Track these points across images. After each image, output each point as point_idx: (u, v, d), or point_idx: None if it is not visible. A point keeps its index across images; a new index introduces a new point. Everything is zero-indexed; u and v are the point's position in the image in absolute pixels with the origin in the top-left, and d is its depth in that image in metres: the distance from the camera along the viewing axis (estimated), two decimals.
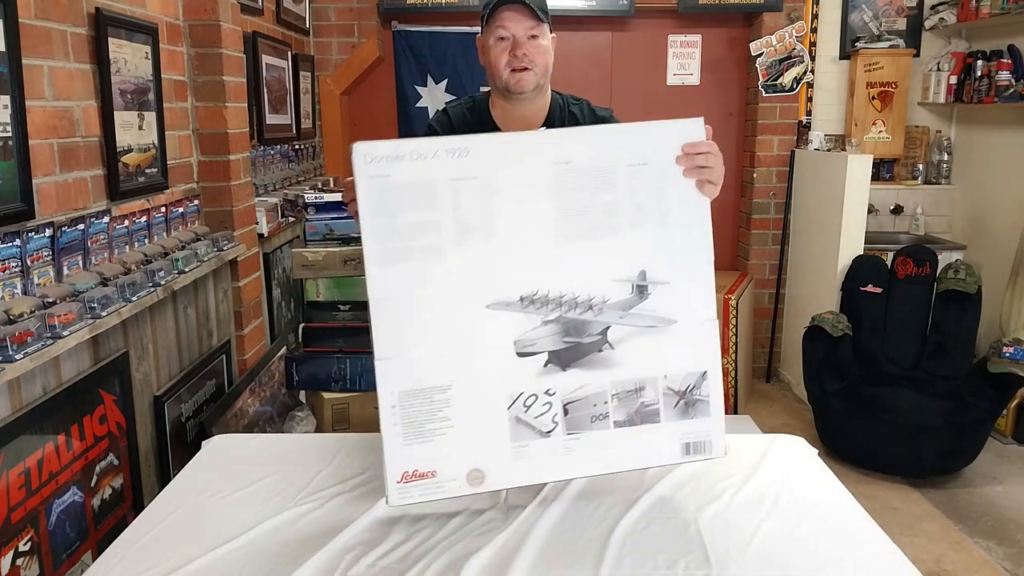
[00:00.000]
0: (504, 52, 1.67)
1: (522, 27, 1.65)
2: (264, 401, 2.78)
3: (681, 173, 1.38)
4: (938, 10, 4.16)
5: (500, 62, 1.68)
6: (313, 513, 1.44)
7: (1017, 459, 3.43)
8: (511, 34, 1.66)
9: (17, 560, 1.62)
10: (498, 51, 1.67)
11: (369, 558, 1.29)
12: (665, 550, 1.31)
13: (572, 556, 1.29)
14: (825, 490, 1.54)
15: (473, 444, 1.34)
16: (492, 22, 1.66)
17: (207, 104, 2.59)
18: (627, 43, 4.34)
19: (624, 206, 1.35)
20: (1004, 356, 3.13)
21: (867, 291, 3.68)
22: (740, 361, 3.96)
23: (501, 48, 1.67)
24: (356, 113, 4.43)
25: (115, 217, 2.05)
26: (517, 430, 1.35)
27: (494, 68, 1.70)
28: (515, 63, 1.67)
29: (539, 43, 1.68)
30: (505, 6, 1.64)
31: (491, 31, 1.67)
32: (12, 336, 1.50)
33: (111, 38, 2.04)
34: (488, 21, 1.68)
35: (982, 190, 4.11)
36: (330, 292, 2.52)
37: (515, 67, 1.67)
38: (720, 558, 1.28)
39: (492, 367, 1.34)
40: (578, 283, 1.35)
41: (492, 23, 1.67)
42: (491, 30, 1.67)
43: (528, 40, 1.66)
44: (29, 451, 1.67)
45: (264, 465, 1.62)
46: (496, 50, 1.68)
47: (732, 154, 4.53)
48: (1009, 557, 2.69)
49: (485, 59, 1.73)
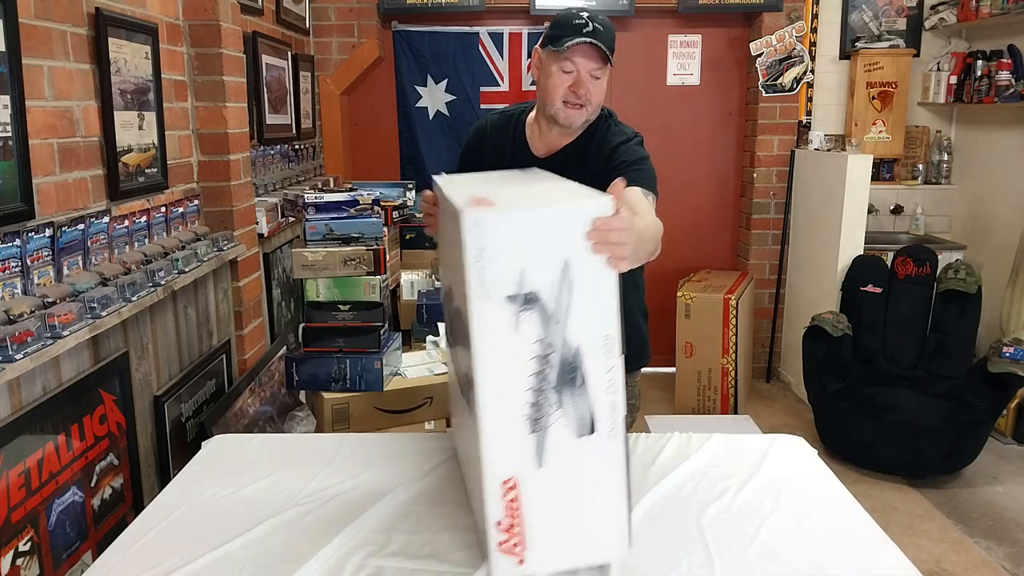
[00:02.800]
0: (563, 85, 1.64)
1: (590, 66, 1.62)
2: (264, 401, 2.78)
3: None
4: (938, 10, 4.16)
5: (557, 92, 1.65)
6: (313, 513, 1.44)
7: (1017, 459, 3.43)
8: (577, 70, 1.62)
9: (17, 560, 1.62)
10: (558, 81, 1.64)
11: (370, 559, 1.29)
12: (667, 550, 1.31)
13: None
14: (825, 490, 1.54)
15: None
16: (563, 53, 1.61)
17: (207, 104, 2.59)
18: (627, 43, 4.34)
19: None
20: (1004, 356, 3.13)
21: (867, 291, 3.68)
22: (740, 361, 3.96)
23: (563, 80, 1.64)
24: (356, 113, 4.43)
25: (115, 217, 2.04)
26: None
27: (549, 95, 1.66)
28: (572, 99, 1.64)
29: (599, 83, 1.65)
30: (582, 44, 1.59)
31: (558, 59, 1.62)
32: (12, 336, 1.50)
33: (111, 38, 2.04)
34: (557, 45, 1.61)
35: (982, 190, 4.11)
36: (330, 292, 2.52)
37: (571, 102, 1.65)
38: (722, 558, 1.28)
39: None
40: None
41: (562, 54, 1.61)
42: (558, 59, 1.62)
43: (591, 79, 1.64)
44: (29, 451, 1.67)
45: (264, 465, 1.62)
46: (556, 79, 1.64)
47: (732, 154, 4.54)
48: (1009, 557, 2.69)
49: (541, 79, 1.69)
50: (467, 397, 1.24)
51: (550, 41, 1.64)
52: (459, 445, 1.58)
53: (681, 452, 1.66)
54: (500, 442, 1.16)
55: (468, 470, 1.42)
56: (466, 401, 1.26)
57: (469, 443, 1.30)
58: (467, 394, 1.24)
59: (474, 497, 1.35)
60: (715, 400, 3.97)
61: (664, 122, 4.39)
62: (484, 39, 4.24)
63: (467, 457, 1.40)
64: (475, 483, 1.30)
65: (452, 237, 1.22)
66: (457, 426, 1.63)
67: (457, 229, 1.12)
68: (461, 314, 1.22)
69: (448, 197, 1.26)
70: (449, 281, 1.43)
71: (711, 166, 4.51)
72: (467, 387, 1.23)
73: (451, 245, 1.25)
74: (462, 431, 1.47)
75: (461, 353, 1.28)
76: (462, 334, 1.23)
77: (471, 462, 1.31)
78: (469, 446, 1.31)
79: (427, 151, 4.36)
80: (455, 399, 1.52)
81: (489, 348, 1.14)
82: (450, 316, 1.48)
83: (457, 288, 1.24)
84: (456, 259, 1.17)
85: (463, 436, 1.45)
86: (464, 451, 1.46)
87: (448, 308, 1.50)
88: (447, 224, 1.31)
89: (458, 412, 1.51)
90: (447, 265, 1.42)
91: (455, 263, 1.21)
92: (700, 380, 3.98)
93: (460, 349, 1.30)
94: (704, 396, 3.99)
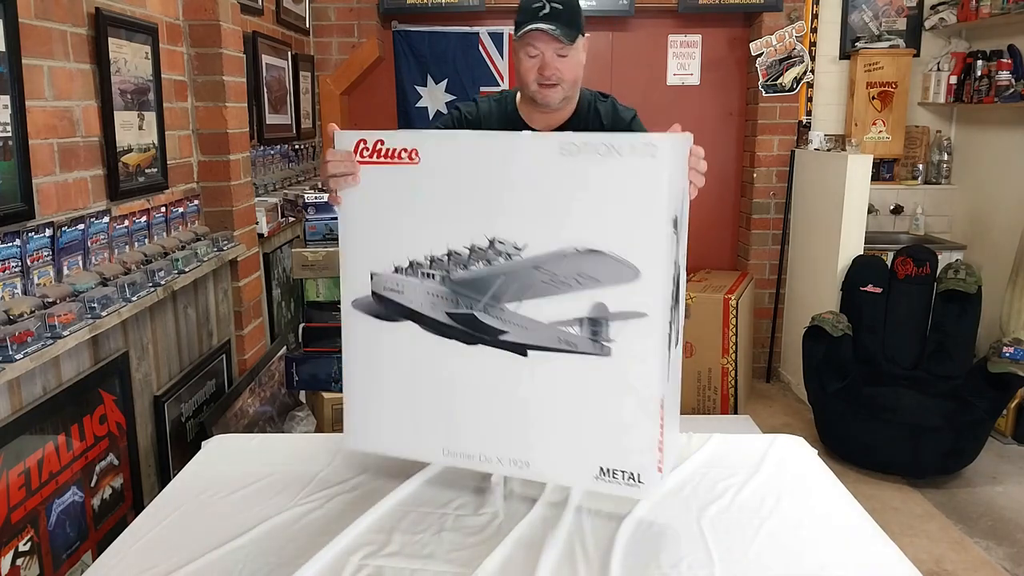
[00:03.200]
0: (533, 69, 1.69)
1: (551, 48, 1.66)
2: (264, 401, 2.78)
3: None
4: (938, 10, 4.16)
5: (529, 76, 1.70)
6: (313, 513, 1.44)
7: (1017, 459, 3.43)
8: (541, 53, 1.67)
9: (17, 560, 1.62)
10: (528, 65, 1.69)
11: (370, 558, 1.29)
12: (668, 550, 1.31)
13: (576, 557, 1.29)
14: (825, 490, 1.54)
15: None
16: (523, 38, 1.67)
17: (207, 104, 2.59)
18: (627, 43, 4.35)
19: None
20: (1004, 356, 3.13)
21: (867, 291, 3.68)
22: (740, 361, 3.96)
23: (531, 64, 1.69)
24: (356, 113, 4.43)
25: (115, 217, 2.04)
26: None
27: (523, 79, 1.72)
28: (542, 80, 1.69)
29: (568, 60, 1.69)
30: (534, 31, 1.64)
31: (524, 46, 1.68)
32: (12, 336, 1.50)
33: (111, 38, 2.04)
34: (517, 32, 1.68)
35: (982, 190, 4.11)
36: (330, 292, 2.52)
37: (542, 83, 1.69)
38: (723, 558, 1.28)
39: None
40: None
41: (523, 39, 1.67)
42: (524, 45, 1.68)
43: (557, 58, 1.68)
44: (29, 451, 1.67)
45: (264, 465, 1.62)
46: (526, 63, 1.69)
47: (732, 154, 4.53)
48: (1009, 557, 2.69)
49: (516, 66, 1.75)
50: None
51: (516, 28, 1.70)
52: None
53: (681, 452, 1.65)
54: (659, 365, 1.25)
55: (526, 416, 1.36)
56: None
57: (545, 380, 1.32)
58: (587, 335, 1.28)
59: (538, 443, 1.35)
60: (715, 400, 3.97)
61: (664, 122, 4.32)
62: (484, 39, 4.24)
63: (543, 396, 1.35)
64: (540, 423, 1.34)
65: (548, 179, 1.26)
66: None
67: (614, 162, 1.21)
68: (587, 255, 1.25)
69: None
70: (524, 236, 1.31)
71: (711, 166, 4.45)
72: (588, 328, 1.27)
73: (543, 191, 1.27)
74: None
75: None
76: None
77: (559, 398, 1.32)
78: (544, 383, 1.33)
79: None
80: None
81: (661, 272, 1.22)
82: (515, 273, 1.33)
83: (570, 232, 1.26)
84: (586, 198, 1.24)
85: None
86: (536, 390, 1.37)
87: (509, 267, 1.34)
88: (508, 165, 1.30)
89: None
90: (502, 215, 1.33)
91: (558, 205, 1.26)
92: (700, 380, 3.97)
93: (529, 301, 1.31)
94: (704, 396, 3.99)
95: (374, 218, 1.39)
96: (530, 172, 1.27)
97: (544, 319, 1.29)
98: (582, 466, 1.32)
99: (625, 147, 1.21)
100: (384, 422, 1.45)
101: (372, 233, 1.40)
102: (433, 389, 1.40)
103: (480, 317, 1.32)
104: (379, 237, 1.39)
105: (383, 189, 1.37)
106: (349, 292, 1.43)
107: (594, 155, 1.22)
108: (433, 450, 1.42)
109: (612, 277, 1.24)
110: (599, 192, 1.23)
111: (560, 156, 1.24)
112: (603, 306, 1.25)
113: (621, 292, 1.24)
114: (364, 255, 1.41)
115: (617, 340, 1.26)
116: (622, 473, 1.30)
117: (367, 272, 1.40)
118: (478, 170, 1.31)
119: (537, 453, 1.35)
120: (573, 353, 1.29)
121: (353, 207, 1.41)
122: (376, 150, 1.38)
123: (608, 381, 1.28)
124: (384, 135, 1.37)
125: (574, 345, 1.28)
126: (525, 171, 1.27)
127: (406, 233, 1.36)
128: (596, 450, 1.31)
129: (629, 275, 1.22)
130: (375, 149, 1.38)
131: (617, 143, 1.22)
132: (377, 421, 1.46)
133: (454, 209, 1.33)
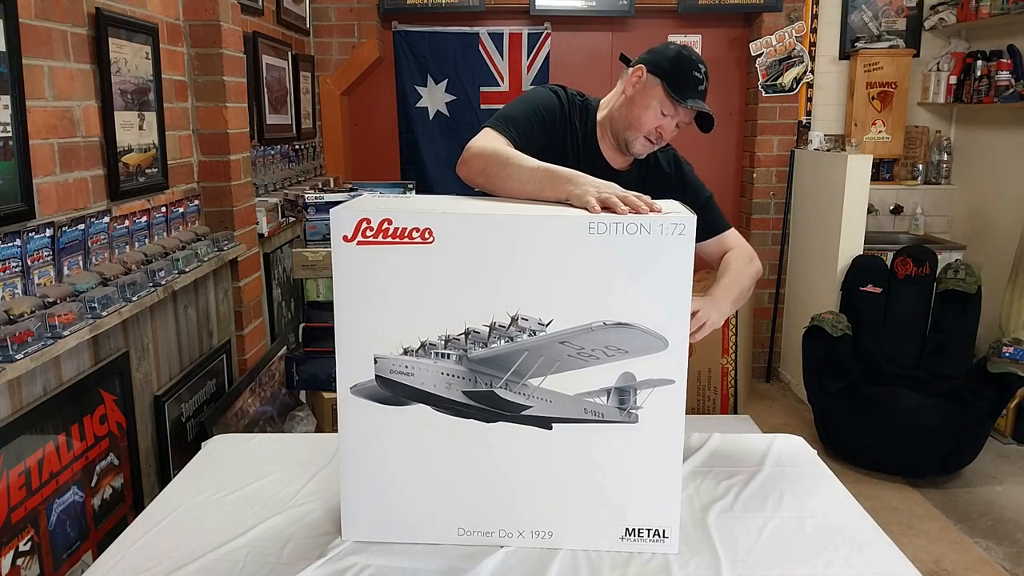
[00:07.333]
0: (656, 123, 1.67)
1: (685, 120, 1.68)
2: (264, 401, 2.78)
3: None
4: (938, 10, 4.16)
5: (647, 126, 1.67)
6: (313, 513, 1.44)
7: (1017, 459, 3.44)
8: (671, 117, 1.67)
9: (17, 560, 1.62)
10: (653, 117, 1.66)
11: (370, 559, 1.29)
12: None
13: (580, 557, 1.29)
14: (825, 490, 1.54)
15: None
16: (672, 98, 1.64)
17: (207, 104, 2.59)
18: (627, 43, 4.34)
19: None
20: (1004, 356, 3.13)
21: (867, 291, 3.68)
22: (740, 361, 3.96)
23: (658, 119, 1.67)
24: (356, 113, 4.43)
25: (115, 217, 2.05)
26: None
27: (639, 124, 1.68)
28: (653, 136, 1.69)
29: (678, 130, 1.72)
30: (694, 103, 1.63)
31: (664, 101, 1.65)
32: (12, 336, 1.50)
33: (111, 38, 2.04)
34: (677, 93, 1.63)
35: (982, 190, 4.11)
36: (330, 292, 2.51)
37: (651, 139, 1.69)
38: (728, 557, 1.28)
39: None
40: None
41: (672, 99, 1.64)
42: (667, 101, 1.65)
43: (675, 128, 1.70)
44: (29, 451, 1.67)
45: (264, 465, 1.62)
46: (653, 115, 1.66)
47: (732, 154, 4.54)
48: (1009, 557, 2.69)
49: (637, 104, 1.68)
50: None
51: (668, 82, 1.64)
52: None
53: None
54: (683, 426, 1.29)
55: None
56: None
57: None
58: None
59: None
60: (715, 400, 3.97)
61: None
62: (484, 39, 4.24)
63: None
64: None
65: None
66: None
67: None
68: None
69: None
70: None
71: (711, 166, 4.51)
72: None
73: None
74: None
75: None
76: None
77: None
78: None
79: (427, 151, 4.36)
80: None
81: (685, 340, 1.26)
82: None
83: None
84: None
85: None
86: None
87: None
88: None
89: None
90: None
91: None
92: (700, 380, 3.97)
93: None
94: (704, 396, 3.99)
95: (379, 299, 1.27)
96: (556, 251, 1.23)
97: (570, 391, 1.26)
98: (607, 530, 1.31)
99: (655, 227, 1.20)
100: (389, 509, 1.35)
101: (375, 315, 1.27)
102: (447, 470, 1.32)
103: (501, 394, 1.27)
104: (384, 318, 1.27)
105: (390, 270, 1.25)
106: (347, 378, 1.31)
107: (623, 234, 1.20)
108: (447, 531, 1.34)
109: (641, 348, 1.23)
110: (629, 269, 1.21)
111: (588, 235, 1.21)
112: (631, 375, 1.24)
113: (649, 361, 1.23)
114: (365, 338, 1.29)
115: (644, 407, 1.25)
116: (648, 531, 1.30)
117: (369, 355, 1.28)
118: (500, 249, 1.23)
119: (560, 522, 1.32)
120: (600, 423, 1.27)
121: (351, 288, 1.28)
122: (382, 230, 1.24)
123: (635, 447, 1.27)
124: (391, 212, 1.23)
125: (601, 415, 1.26)
126: (551, 251, 1.23)
127: (418, 314, 1.26)
128: (621, 513, 1.30)
129: (659, 346, 1.22)
130: (380, 229, 1.24)
131: (647, 223, 1.20)
132: (381, 509, 1.35)
133: (473, 289, 1.24)
